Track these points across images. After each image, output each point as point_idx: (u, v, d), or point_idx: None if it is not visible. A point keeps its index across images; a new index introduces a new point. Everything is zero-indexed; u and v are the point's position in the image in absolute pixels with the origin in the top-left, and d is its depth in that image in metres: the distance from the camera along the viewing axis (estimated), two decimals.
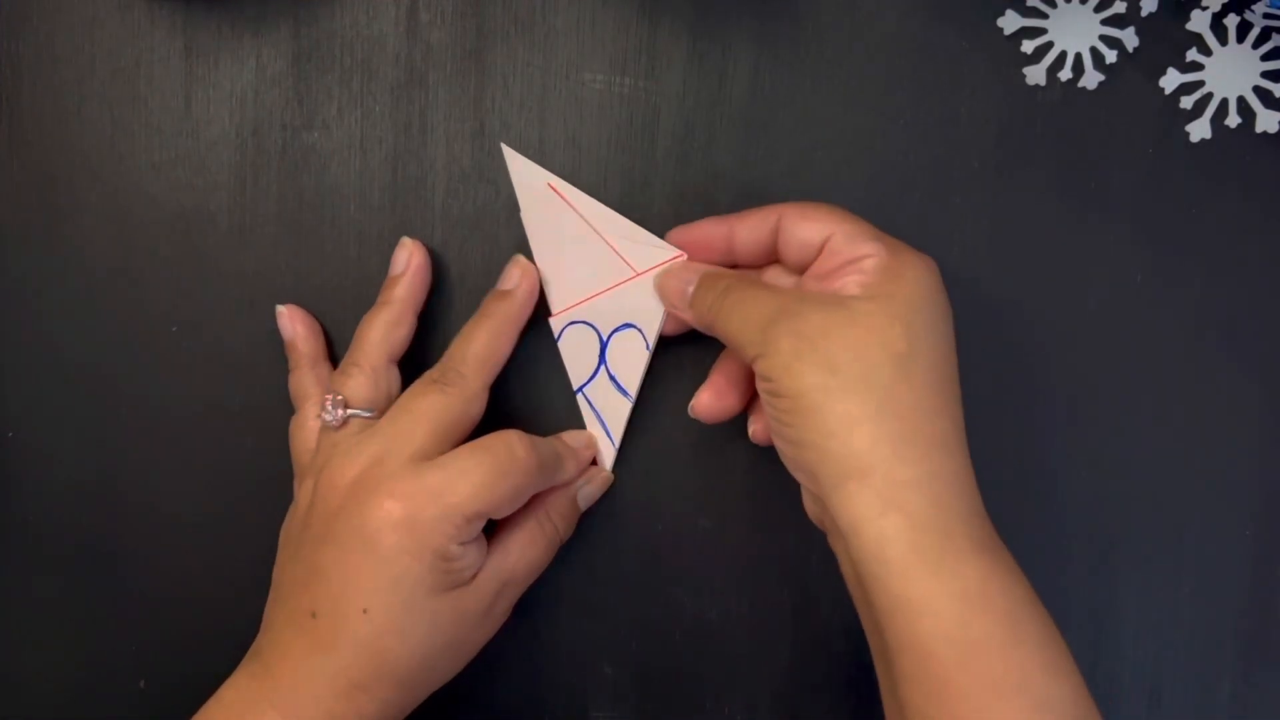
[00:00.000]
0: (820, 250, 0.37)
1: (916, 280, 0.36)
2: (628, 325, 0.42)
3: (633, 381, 0.42)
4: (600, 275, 0.41)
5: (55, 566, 0.44)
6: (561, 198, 0.42)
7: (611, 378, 0.42)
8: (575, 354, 0.43)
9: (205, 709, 0.37)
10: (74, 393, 0.44)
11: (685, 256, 0.40)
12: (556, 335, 0.42)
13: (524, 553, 0.40)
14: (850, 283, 0.36)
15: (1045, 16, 0.42)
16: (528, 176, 0.42)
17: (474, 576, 0.38)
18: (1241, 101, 0.41)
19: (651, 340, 0.42)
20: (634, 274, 0.41)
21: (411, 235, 0.42)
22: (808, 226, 0.37)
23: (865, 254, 0.36)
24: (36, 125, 0.43)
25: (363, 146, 0.43)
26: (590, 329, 0.42)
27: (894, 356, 0.34)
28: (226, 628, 0.40)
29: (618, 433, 0.43)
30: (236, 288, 0.43)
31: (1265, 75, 0.41)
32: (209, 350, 0.43)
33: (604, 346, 0.42)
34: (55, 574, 0.44)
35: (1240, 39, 0.41)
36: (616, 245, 0.41)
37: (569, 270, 0.42)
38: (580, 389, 0.43)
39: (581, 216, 0.42)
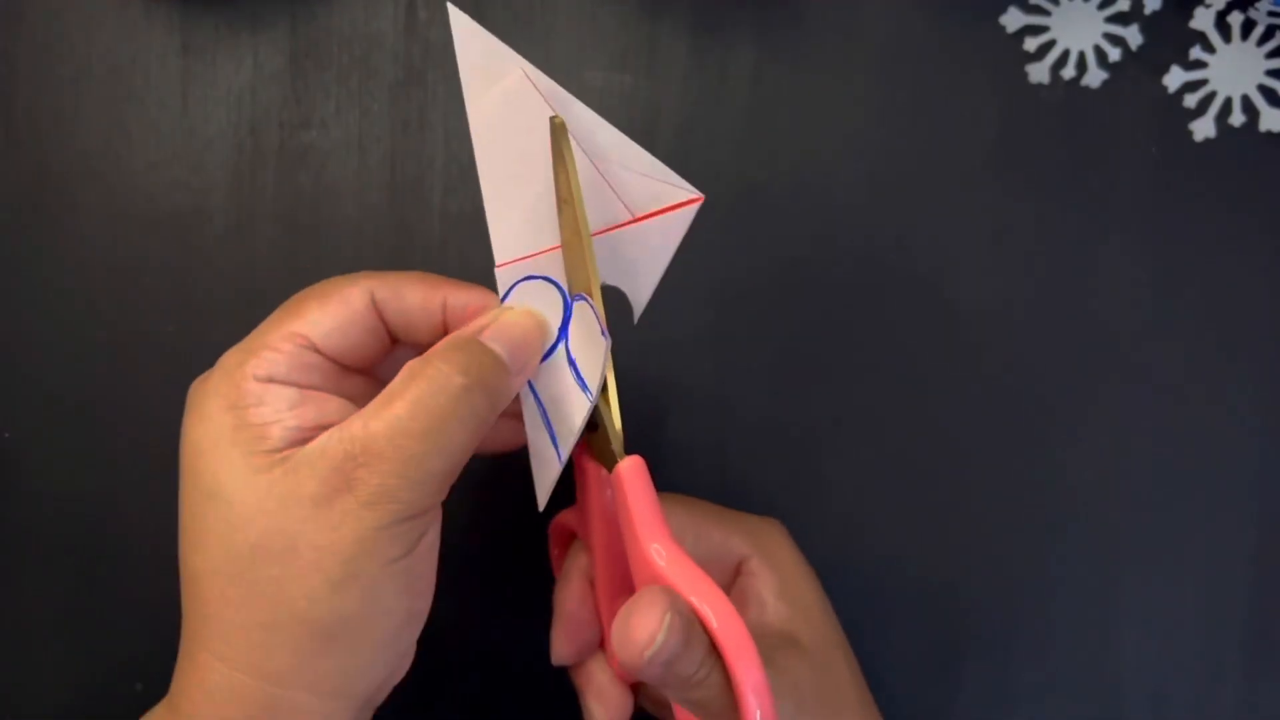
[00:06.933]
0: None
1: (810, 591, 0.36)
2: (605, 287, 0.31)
3: (594, 371, 0.29)
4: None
5: (52, 568, 0.44)
6: (541, 96, 0.29)
7: (570, 361, 0.30)
8: None
9: None
10: (70, 392, 0.43)
11: (701, 200, 0.30)
12: (503, 293, 0.31)
13: (388, 409, 0.27)
14: (767, 599, 0.35)
15: (1048, 14, 0.41)
16: (486, 58, 0.28)
17: (301, 441, 0.28)
18: (1246, 100, 0.41)
19: (637, 310, 0.31)
20: (630, 218, 0.30)
21: (409, 233, 0.42)
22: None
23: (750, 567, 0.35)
24: (33, 124, 0.43)
25: (361, 145, 0.43)
26: (552, 287, 0.30)
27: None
28: None
29: (567, 443, 0.30)
30: (233, 287, 0.43)
31: (1269, 73, 0.41)
32: (206, 349, 0.43)
33: (567, 313, 0.30)
34: (52, 576, 0.44)
35: (1244, 37, 0.41)
36: (611, 175, 0.30)
37: (533, 204, 0.30)
38: None
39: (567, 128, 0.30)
